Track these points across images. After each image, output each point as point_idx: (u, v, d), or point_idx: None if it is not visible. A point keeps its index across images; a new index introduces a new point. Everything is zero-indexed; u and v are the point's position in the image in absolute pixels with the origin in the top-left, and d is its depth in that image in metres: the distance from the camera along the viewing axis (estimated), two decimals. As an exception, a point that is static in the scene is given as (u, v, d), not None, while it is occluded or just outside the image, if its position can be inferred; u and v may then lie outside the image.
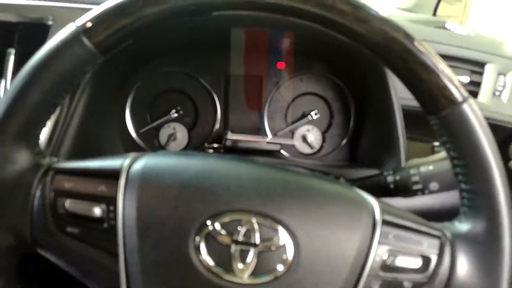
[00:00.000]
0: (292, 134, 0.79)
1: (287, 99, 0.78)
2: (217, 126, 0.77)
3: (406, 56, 0.34)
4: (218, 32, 0.58)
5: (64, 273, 0.37)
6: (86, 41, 0.34)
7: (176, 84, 0.74)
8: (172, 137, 0.77)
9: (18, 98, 0.35)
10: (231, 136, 0.73)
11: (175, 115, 0.75)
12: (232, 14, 0.48)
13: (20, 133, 0.35)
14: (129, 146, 0.76)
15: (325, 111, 0.79)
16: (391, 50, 0.34)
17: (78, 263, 0.36)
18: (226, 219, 0.33)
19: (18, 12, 0.56)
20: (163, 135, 0.78)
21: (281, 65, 0.76)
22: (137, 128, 0.78)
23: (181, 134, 0.77)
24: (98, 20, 0.35)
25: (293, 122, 0.79)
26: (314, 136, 0.79)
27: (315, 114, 0.79)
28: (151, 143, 0.78)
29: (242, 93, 0.76)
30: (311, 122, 0.79)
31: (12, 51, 0.57)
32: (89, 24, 0.35)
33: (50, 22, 0.56)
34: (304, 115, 0.79)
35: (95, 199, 0.35)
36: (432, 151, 0.85)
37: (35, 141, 0.37)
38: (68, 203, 0.35)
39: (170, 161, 0.37)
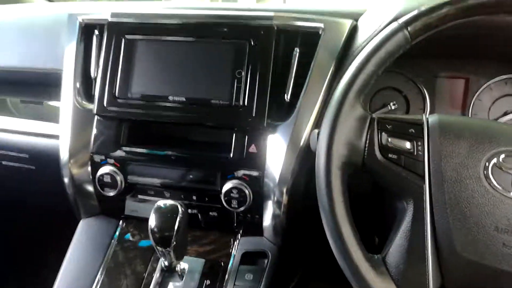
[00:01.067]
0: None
1: (489, 100, 0.80)
2: None
3: None
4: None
5: None
6: (406, 32, 0.51)
7: (393, 83, 0.81)
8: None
9: (360, 69, 0.52)
10: None
11: (393, 107, 0.81)
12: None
13: (359, 91, 0.52)
14: None
15: None
16: None
17: (394, 180, 0.51)
18: (503, 155, 0.48)
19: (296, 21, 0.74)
20: None
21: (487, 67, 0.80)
22: None
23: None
24: (415, 18, 0.51)
25: None
26: None
27: None
28: None
29: (448, 93, 0.81)
30: None
31: (297, 49, 0.72)
32: (409, 21, 0.52)
33: (320, 32, 0.73)
34: (506, 113, 0.80)
35: (407, 137, 0.51)
36: None
37: (366, 98, 0.55)
38: (389, 139, 0.51)
39: (454, 118, 0.55)
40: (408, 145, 0.50)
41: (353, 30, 0.73)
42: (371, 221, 0.67)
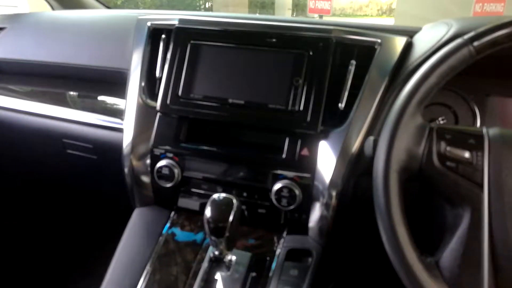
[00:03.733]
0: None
1: None
2: None
3: None
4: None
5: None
6: (471, 47, 0.54)
7: (443, 99, 0.83)
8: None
9: (423, 80, 0.54)
10: None
11: (441, 122, 0.84)
12: None
13: (419, 102, 0.54)
14: None
15: None
16: None
17: (450, 187, 0.53)
18: None
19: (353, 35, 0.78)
20: None
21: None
22: None
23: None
24: (481, 35, 0.54)
25: None
26: None
27: None
28: None
29: (499, 112, 0.82)
30: None
31: (353, 62, 0.76)
32: (475, 37, 0.54)
33: (376, 46, 0.77)
34: None
35: (466, 146, 0.53)
36: None
37: (423, 108, 0.56)
38: (448, 148, 0.53)
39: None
40: (467, 154, 0.52)
41: (408, 47, 0.77)
42: (419, 225, 0.70)
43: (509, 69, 0.78)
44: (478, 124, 0.82)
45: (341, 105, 0.76)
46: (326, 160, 0.75)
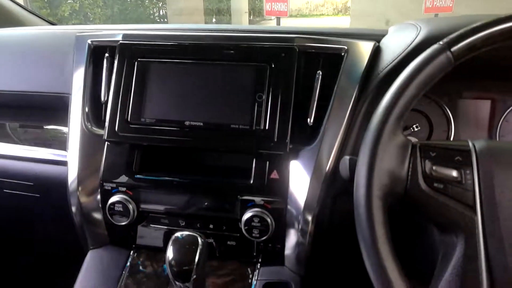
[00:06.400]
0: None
1: None
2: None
3: None
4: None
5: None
6: (449, 53, 0.48)
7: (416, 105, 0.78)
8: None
9: (400, 93, 0.48)
10: None
11: (415, 129, 0.79)
12: None
13: (399, 117, 0.49)
14: None
15: None
16: None
17: (440, 212, 0.47)
18: None
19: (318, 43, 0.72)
20: None
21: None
22: None
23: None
24: (459, 39, 0.49)
25: None
26: None
27: None
28: None
29: (473, 115, 0.79)
30: None
31: (320, 72, 0.71)
32: (452, 42, 0.49)
33: (343, 53, 0.71)
34: None
35: (452, 165, 0.48)
36: None
37: (403, 123, 0.50)
38: (434, 167, 0.48)
39: (504, 144, 0.51)
40: (454, 173, 0.48)
41: (376, 52, 0.72)
42: (408, 253, 0.65)
43: (480, 69, 0.74)
44: (453, 128, 0.78)
45: (310, 120, 0.70)
46: (298, 181, 0.69)
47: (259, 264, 0.74)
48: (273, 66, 0.69)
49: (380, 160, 0.47)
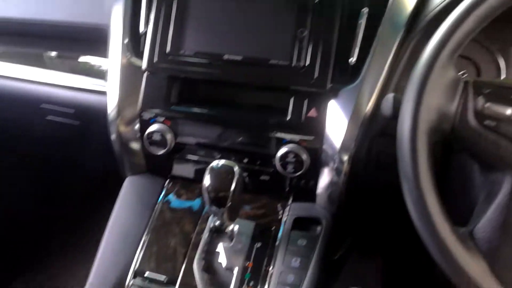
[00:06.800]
0: None
1: None
2: None
3: None
4: None
5: None
6: None
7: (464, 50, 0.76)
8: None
9: (457, 25, 0.46)
10: None
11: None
12: None
13: (453, 51, 0.46)
14: None
15: None
16: None
17: (489, 149, 0.46)
18: None
19: None
20: None
21: None
22: None
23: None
24: None
25: None
26: None
27: None
28: None
29: None
30: None
31: (366, 10, 0.68)
32: None
33: None
34: None
35: (508, 102, 0.46)
36: None
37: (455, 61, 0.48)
38: (486, 104, 0.46)
39: None
40: (509, 111, 0.45)
41: None
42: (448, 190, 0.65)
43: None
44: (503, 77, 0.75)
45: (352, 60, 0.68)
46: (336, 121, 0.68)
47: (290, 200, 0.76)
48: (317, 0, 0.67)
49: (428, 95, 0.46)
